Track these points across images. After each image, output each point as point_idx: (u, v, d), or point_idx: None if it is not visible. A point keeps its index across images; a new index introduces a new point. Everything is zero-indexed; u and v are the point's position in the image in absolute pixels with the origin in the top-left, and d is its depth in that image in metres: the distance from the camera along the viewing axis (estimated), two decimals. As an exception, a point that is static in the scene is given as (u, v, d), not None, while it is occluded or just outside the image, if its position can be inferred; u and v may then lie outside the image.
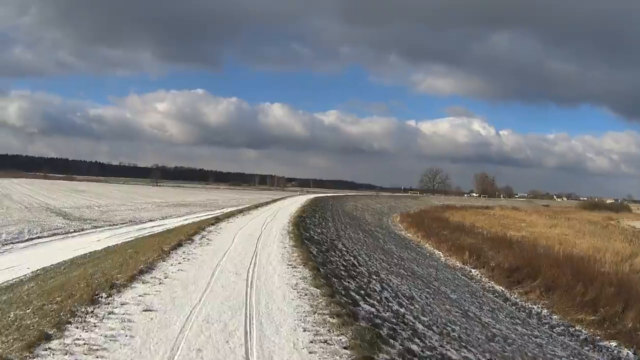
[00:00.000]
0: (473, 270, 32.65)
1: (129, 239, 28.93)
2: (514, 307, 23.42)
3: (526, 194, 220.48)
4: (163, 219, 44.03)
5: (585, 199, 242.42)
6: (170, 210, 53.03)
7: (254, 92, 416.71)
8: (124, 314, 8.06)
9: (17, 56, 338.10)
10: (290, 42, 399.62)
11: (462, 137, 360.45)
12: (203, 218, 42.63)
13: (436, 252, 38.36)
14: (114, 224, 39.25)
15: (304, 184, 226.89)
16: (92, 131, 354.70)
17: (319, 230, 22.29)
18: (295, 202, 43.59)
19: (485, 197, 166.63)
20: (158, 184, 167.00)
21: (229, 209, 55.29)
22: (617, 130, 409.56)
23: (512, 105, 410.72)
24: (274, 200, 46.55)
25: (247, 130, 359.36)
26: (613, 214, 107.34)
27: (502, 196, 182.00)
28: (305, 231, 19.59)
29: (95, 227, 37.06)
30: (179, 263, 12.67)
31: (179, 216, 46.54)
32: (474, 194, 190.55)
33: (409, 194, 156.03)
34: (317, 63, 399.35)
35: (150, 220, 42.17)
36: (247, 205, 47.14)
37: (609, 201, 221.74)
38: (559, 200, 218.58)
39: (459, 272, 31.17)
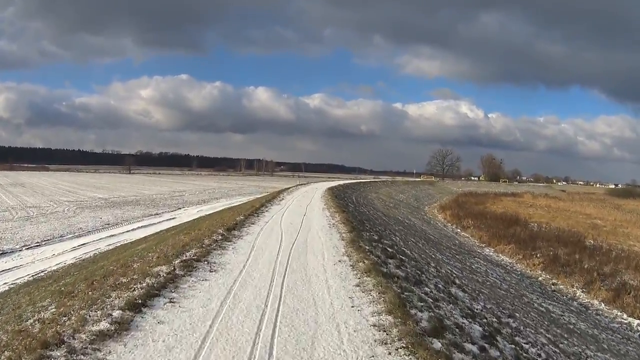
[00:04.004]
0: None
1: None
2: None
3: (525, 178, 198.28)
4: (23, 248, 20.87)
5: (581, 183, 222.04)
6: (82, 220, 29.91)
7: (238, 76, 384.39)
8: None
9: (2, 48, 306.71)
10: (274, 24, 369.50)
11: (449, 119, 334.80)
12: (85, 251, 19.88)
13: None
14: None
15: (293, 168, 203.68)
16: (79, 120, 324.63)
17: None
18: (310, 211, 20.10)
19: (505, 182, 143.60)
20: (132, 172, 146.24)
21: (186, 211, 32.49)
22: (609, 113, 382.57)
23: (501, 87, 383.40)
24: (264, 203, 23.01)
25: (232, 114, 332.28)
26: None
27: (515, 180, 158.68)
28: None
29: None
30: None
31: (75, 236, 23.65)
32: (473, 178, 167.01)
33: (421, 178, 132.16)
34: (301, 46, 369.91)
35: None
36: (211, 219, 24.45)
37: (611, 186, 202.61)
38: (559, 184, 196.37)
39: None
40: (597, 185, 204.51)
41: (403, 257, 10.47)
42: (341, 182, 58.97)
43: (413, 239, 17.74)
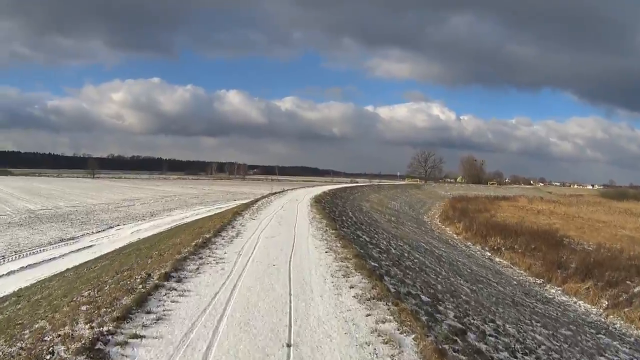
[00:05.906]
0: None
1: None
2: None
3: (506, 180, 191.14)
4: None
5: (557, 184, 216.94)
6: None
7: (209, 79, 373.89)
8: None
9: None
10: (243, 27, 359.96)
11: (421, 122, 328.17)
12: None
13: None
14: None
15: (267, 171, 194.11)
16: (51, 123, 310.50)
17: None
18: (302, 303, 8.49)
19: (494, 184, 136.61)
20: (96, 176, 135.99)
21: (118, 231, 23.68)
22: (581, 115, 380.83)
23: (472, 90, 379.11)
24: (195, 251, 10.89)
25: (204, 117, 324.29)
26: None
27: (493, 182, 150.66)
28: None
29: None
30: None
31: None
32: (449, 180, 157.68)
33: (406, 181, 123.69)
34: (271, 49, 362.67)
35: None
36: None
37: (588, 187, 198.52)
38: (539, 185, 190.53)
39: None
40: (575, 187, 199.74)
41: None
42: (324, 189, 50.34)
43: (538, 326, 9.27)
